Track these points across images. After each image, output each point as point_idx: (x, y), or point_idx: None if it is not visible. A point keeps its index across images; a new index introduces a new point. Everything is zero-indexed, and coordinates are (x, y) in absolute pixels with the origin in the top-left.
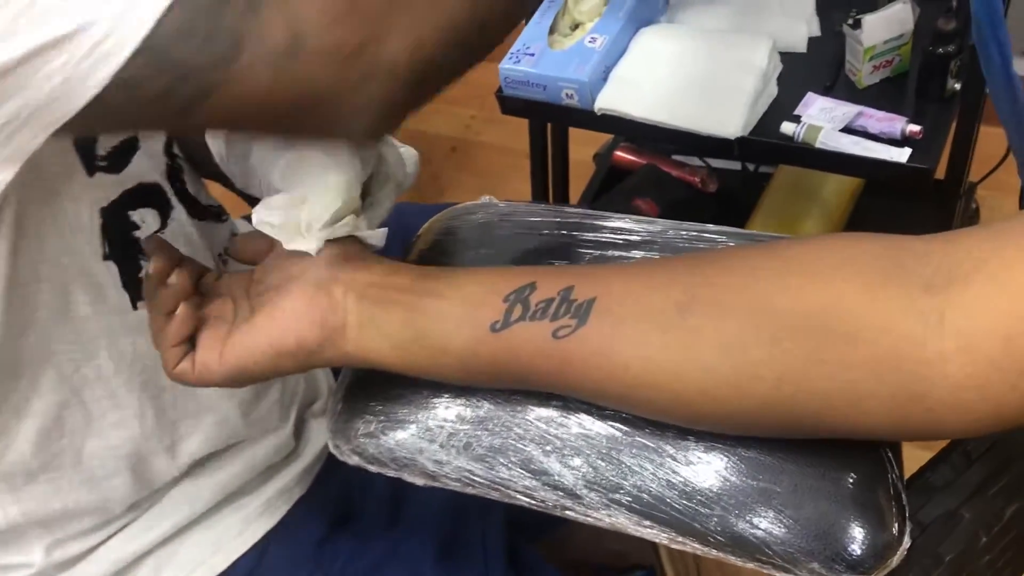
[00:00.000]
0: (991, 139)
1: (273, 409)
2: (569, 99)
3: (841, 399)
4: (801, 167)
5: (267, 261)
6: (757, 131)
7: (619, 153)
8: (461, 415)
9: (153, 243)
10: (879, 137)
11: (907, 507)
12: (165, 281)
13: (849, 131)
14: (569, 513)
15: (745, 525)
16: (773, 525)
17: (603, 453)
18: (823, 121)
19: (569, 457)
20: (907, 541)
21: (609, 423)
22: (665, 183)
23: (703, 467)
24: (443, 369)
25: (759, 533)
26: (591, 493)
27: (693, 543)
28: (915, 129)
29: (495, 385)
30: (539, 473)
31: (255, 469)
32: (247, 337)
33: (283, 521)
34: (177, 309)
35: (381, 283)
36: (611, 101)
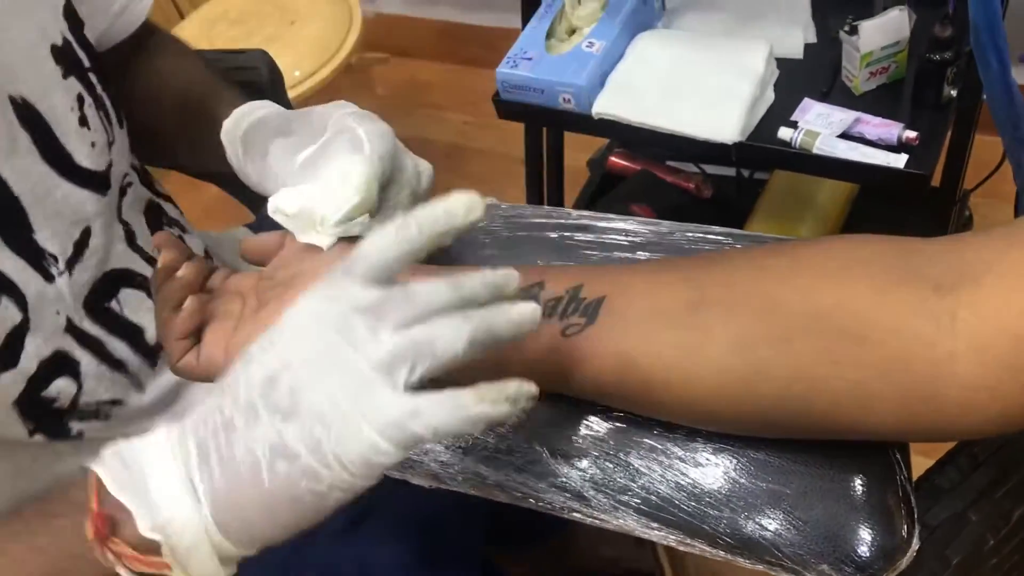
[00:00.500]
0: (985, 147)
1: None
2: (566, 103)
3: (851, 399)
4: (798, 172)
5: (277, 259)
6: (754, 136)
7: (614, 159)
8: None
9: (163, 237)
10: (876, 143)
11: (916, 509)
12: (173, 274)
13: (846, 137)
14: (576, 515)
15: (754, 527)
16: (782, 527)
17: (611, 454)
18: (820, 127)
19: (576, 458)
20: (916, 543)
21: (617, 424)
22: (660, 189)
23: (712, 468)
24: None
25: (768, 535)
26: (598, 495)
27: (702, 545)
28: (912, 135)
29: None
30: (546, 475)
31: None
32: (252, 331)
33: None
34: (184, 303)
35: None
36: (608, 105)
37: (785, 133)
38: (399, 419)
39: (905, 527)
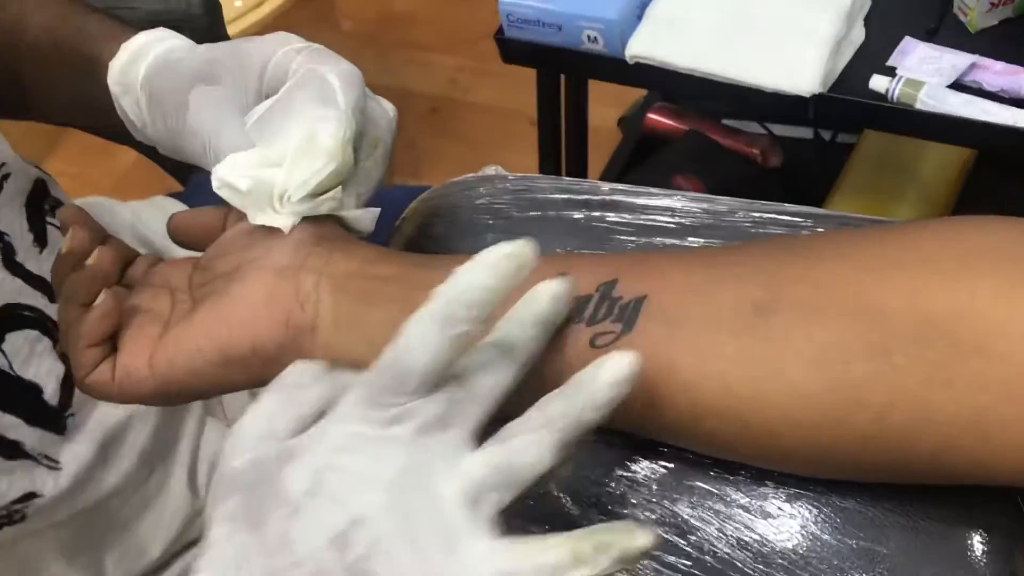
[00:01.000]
0: None
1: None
2: (592, 43)
3: (968, 431)
4: (895, 134)
5: (218, 243)
6: (839, 87)
7: (653, 116)
8: None
9: (70, 213)
10: (999, 96)
11: None
12: (82, 262)
13: (959, 88)
14: None
15: None
16: None
17: (653, 502)
18: (925, 75)
19: (608, 508)
20: None
21: (661, 463)
22: (713, 156)
23: (785, 521)
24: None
25: None
26: None
27: None
28: None
29: (513, 411)
30: (569, 529)
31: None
32: (186, 337)
33: None
34: (96, 299)
35: (364, 272)
36: (647, 47)
37: (879, 83)
38: None
39: None
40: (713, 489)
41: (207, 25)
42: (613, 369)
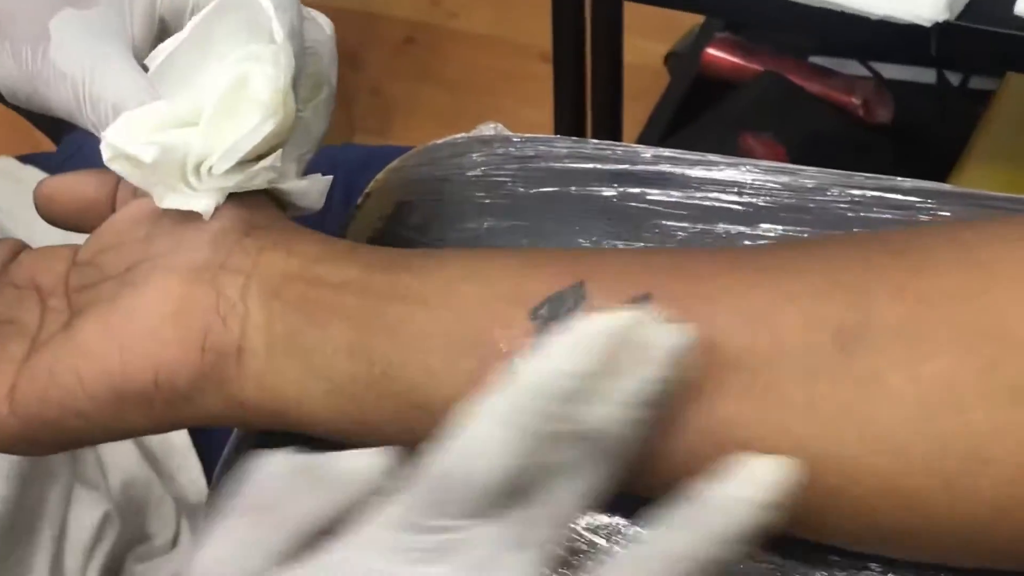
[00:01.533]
0: None
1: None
2: None
3: None
4: None
5: (105, 230)
6: (971, 14)
7: (713, 53)
8: None
9: None
10: None
11: None
12: None
13: None
14: None
15: None
16: None
17: None
18: None
19: None
20: None
21: None
22: (797, 108)
23: None
24: (415, 434)
25: None
26: None
27: None
28: None
29: None
30: None
31: None
32: (62, 362)
33: None
34: None
35: (311, 274)
36: None
37: None
38: None
39: None
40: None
41: None
42: (765, 482)
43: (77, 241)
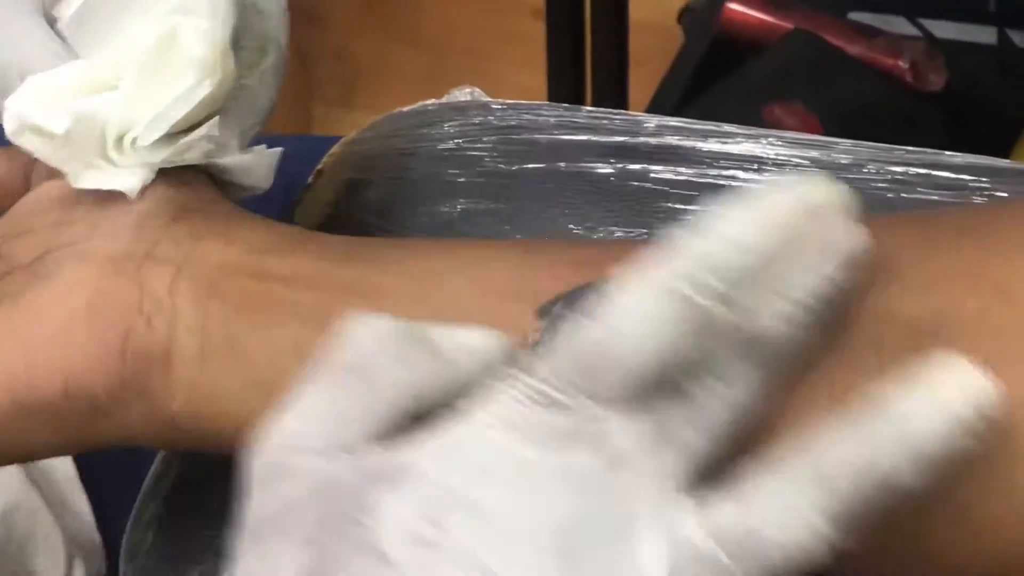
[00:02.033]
0: None
1: None
2: None
3: None
4: None
5: (12, 215)
6: None
7: (735, 7)
8: None
9: None
10: None
11: None
12: None
13: None
14: None
15: None
16: None
17: None
18: None
19: None
20: None
21: None
22: (833, 72)
23: None
24: None
25: None
26: None
27: None
28: None
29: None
30: None
31: None
32: None
33: None
34: None
35: (253, 266)
36: None
37: None
38: None
39: None
40: None
41: None
42: (961, 386)
43: None
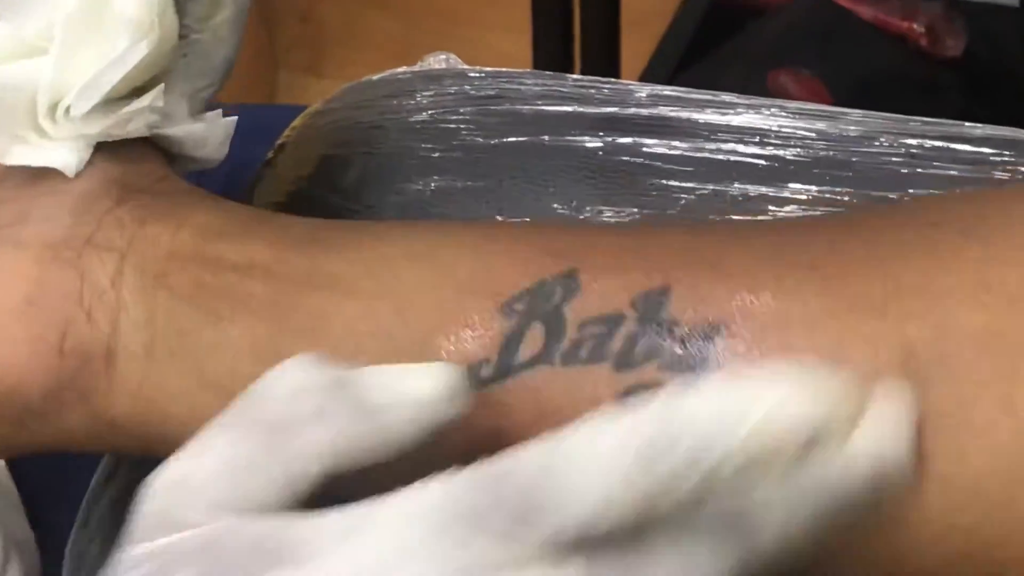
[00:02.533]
0: None
1: None
2: None
3: None
4: None
5: None
6: None
7: None
8: None
9: None
10: None
11: None
12: None
13: None
14: None
15: None
16: None
17: None
18: None
19: None
20: None
21: None
22: (843, 37)
23: None
24: None
25: None
26: None
27: None
28: None
29: None
30: None
31: None
32: None
33: None
34: None
35: (207, 255)
36: None
37: None
38: None
39: None
40: None
41: None
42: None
43: None
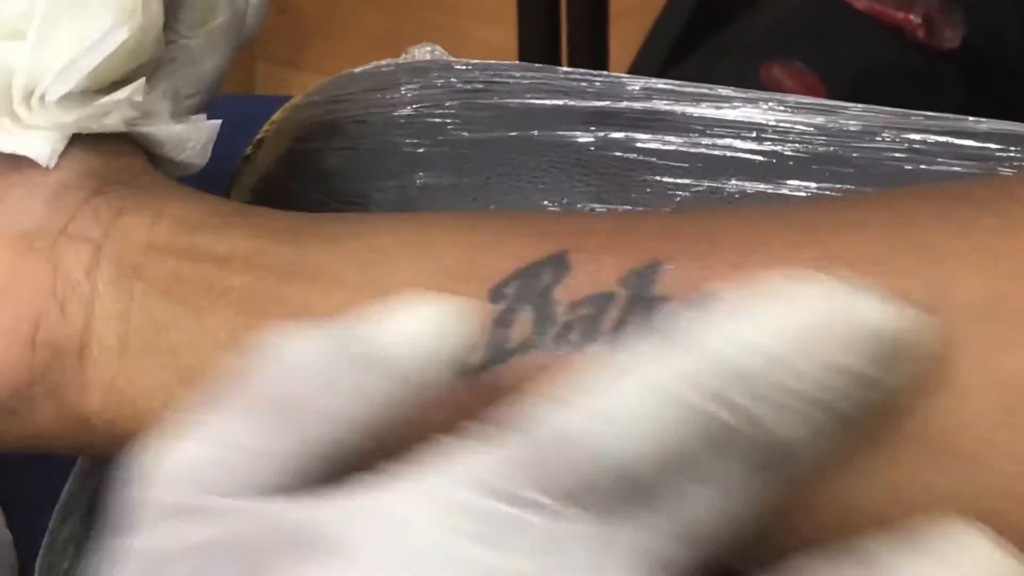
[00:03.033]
0: None
1: None
2: None
3: None
4: None
5: None
6: None
7: None
8: None
9: None
10: None
11: None
12: None
13: None
14: None
15: None
16: None
17: None
18: None
19: None
20: None
21: None
22: (838, 28)
23: None
24: (331, 463)
25: None
26: None
27: None
28: None
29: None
30: None
31: None
32: None
33: None
34: None
35: (185, 246)
36: None
37: None
38: None
39: None
40: None
41: None
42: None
43: None
